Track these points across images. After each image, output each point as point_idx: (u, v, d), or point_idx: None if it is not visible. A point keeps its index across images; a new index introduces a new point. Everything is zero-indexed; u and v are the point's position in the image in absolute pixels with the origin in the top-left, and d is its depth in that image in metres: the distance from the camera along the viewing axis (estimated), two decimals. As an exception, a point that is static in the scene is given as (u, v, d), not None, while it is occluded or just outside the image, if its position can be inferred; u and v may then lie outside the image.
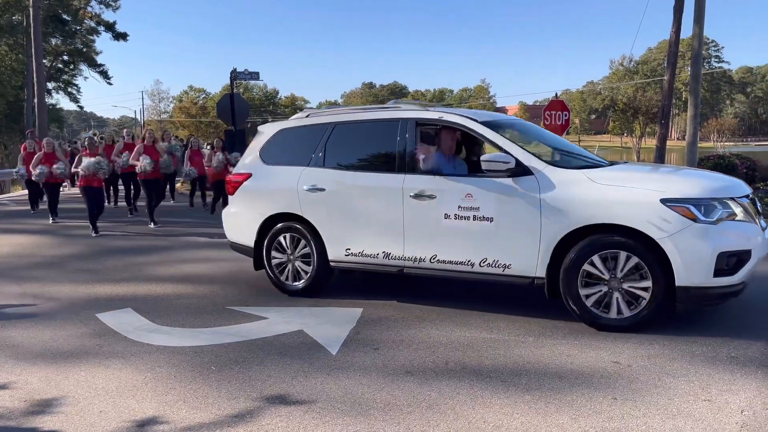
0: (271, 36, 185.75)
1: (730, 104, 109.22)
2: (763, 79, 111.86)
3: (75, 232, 10.65)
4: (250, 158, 6.57)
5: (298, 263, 6.10)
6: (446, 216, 5.28)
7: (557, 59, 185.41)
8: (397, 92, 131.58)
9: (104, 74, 47.06)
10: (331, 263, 5.93)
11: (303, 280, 6.08)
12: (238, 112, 16.12)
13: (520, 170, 5.03)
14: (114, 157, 12.64)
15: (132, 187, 13.47)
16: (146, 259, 8.19)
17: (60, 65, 47.00)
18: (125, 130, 13.98)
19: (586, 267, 4.78)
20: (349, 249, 5.80)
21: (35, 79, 30.46)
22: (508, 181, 5.06)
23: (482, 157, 5.18)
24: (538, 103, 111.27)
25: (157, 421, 3.48)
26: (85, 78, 73.33)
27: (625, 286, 4.68)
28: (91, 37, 45.45)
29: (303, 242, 6.04)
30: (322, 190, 5.88)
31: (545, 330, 4.89)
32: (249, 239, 6.34)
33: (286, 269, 6.17)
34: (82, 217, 11.45)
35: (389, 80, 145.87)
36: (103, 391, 3.90)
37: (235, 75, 16.29)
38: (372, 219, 5.67)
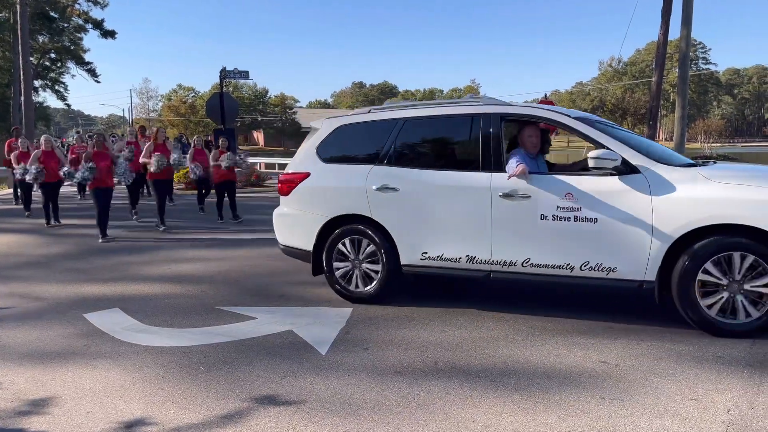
0: (261, 35, 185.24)
1: (717, 105, 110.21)
2: (750, 81, 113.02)
3: (63, 232, 10.56)
4: (305, 156, 6.17)
5: (364, 268, 5.74)
6: (542, 217, 4.98)
7: (546, 60, 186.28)
8: (387, 92, 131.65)
9: (92, 72, 46.79)
10: (404, 268, 5.59)
11: (370, 286, 5.72)
12: (227, 111, 16.11)
13: (627, 168, 4.79)
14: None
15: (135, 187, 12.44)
16: (135, 258, 8.14)
17: (47, 63, 46.66)
18: (128, 129, 13.37)
19: (703, 273, 4.53)
20: (425, 253, 5.45)
21: (22, 77, 30.15)
22: (614, 179, 4.80)
23: (590, 154, 4.83)
24: (527, 103, 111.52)
25: (145, 421, 3.46)
26: (73, 76, 72.61)
27: (747, 287, 4.49)
28: (79, 35, 45.18)
29: (370, 246, 5.68)
30: (395, 189, 5.55)
31: (534, 330, 4.91)
32: (307, 243, 5.97)
33: (350, 275, 5.81)
34: (73, 216, 11.37)
35: (379, 80, 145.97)
36: (91, 392, 3.87)
37: (224, 74, 16.26)
38: (454, 220, 5.33)
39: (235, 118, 17.17)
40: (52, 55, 45.96)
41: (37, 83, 43.92)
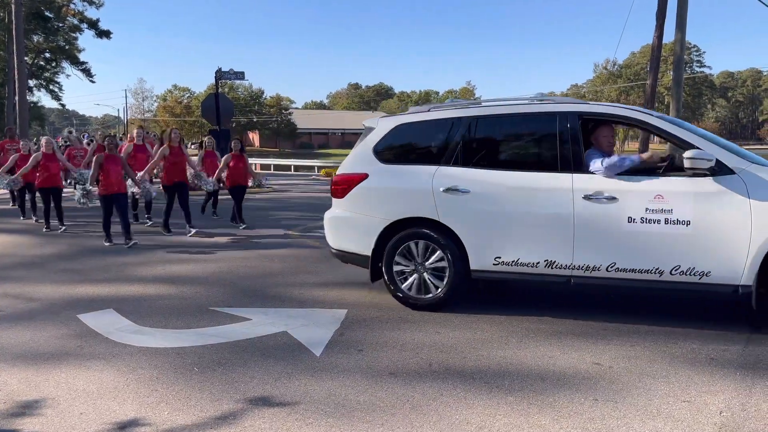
0: (257, 36, 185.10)
1: (711, 108, 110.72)
2: (744, 84, 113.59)
3: (57, 232, 10.50)
4: (361, 157, 5.90)
5: (428, 274, 5.50)
6: (630, 220, 4.81)
7: (542, 61, 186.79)
8: (383, 93, 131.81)
9: (87, 72, 46.67)
10: (474, 273, 5.36)
11: (435, 293, 5.48)
12: (223, 112, 16.08)
13: (721, 169, 4.66)
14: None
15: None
16: (129, 259, 8.11)
17: (42, 62, 46.50)
18: (136, 130, 12.13)
19: None
20: (499, 257, 5.23)
21: (16, 77, 30.08)
22: (707, 180, 4.66)
23: (685, 155, 4.66)
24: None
25: (138, 423, 3.45)
26: (68, 76, 72.33)
27: None
28: (74, 35, 45.06)
29: (436, 250, 5.43)
30: (466, 191, 5.32)
31: (528, 331, 4.92)
32: (365, 247, 5.71)
33: (412, 281, 5.58)
34: (67, 216, 11.28)
35: (375, 81, 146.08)
36: (84, 393, 3.86)
37: (220, 75, 16.24)
38: (531, 223, 5.12)
39: (231, 119, 17.13)
40: (47, 55, 45.82)
41: (31, 83, 43.75)
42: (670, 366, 4.14)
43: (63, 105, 55.48)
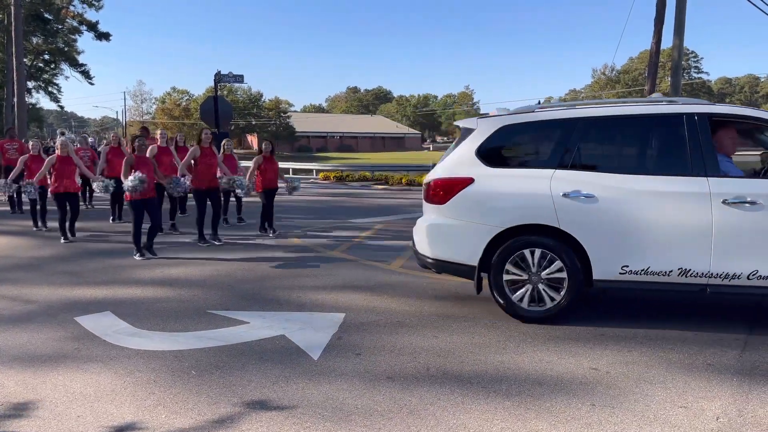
0: (256, 39, 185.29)
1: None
2: (742, 90, 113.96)
3: (55, 234, 10.46)
4: (463, 160, 5.51)
5: (542, 285, 5.19)
6: None
7: (540, 66, 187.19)
8: (381, 97, 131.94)
9: (86, 74, 46.64)
10: (597, 283, 5.09)
11: (549, 305, 5.18)
12: (221, 114, 16.10)
13: None
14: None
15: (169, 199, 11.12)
16: (127, 261, 8.10)
17: (41, 64, 46.46)
18: (159, 131, 11.41)
19: None
20: (626, 266, 4.97)
21: (15, 78, 30.07)
22: None
23: None
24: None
25: (135, 426, 3.45)
26: (67, 77, 72.36)
27: None
28: (73, 37, 45.07)
29: (554, 259, 5.12)
30: (590, 196, 5.03)
31: (526, 336, 4.93)
32: (470, 256, 5.34)
33: (524, 292, 5.25)
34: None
35: (373, 85, 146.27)
36: (81, 396, 3.86)
37: (219, 78, 16.25)
38: (664, 230, 4.89)
39: (230, 122, 17.14)
40: (46, 57, 45.78)
41: (30, 84, 43.74)
42: (667, 371, 4.15)
43: (62, 107, 55.41)
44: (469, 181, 5.41)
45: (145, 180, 8.14)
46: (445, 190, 5.50)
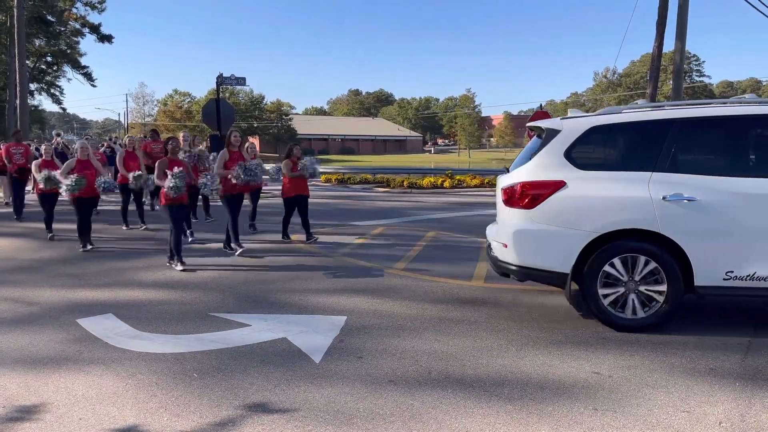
0: (258, 42, 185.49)
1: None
2: (743, 94, 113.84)
3: (57, 236, 10.44)
4: (550, 162, 5.32)
5: (639, 292, 5.05)
6: None
7: (541, 70, 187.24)
8: (383, 99, 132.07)
9: (88, 76, 46.77)
10: (699, 290, 4.95)
11: (646, 313, 5.04)
12: (223, 117, 16.12)
13: None
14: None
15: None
16: (128, 264, 8.11)
17: (43, 66, 46.62)
18: (182, 134, 10.89)
19: None
20: (731, 272, 4.85)
21: (18, 80, 30.13)
22: None
23: None
24: (522, 113, 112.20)
25: (137, 428, 3.45)
26: (69, 80, 72.50)
27: None
28: (76, 39, 45.19)
29: (651, 265, 4.98)
30: (692, 200, 4.89)
31: (528, 340, 4.92)
32: (562, 263, 5.16)
33: (619, 299, 5.10)
34: (66, 221, 11.25)
35: (375, 88, 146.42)
36: (83, 398, 3.86)
37: (221, 80, 16.28)
38: None
39: (232, 124, 17.17)
40: (49, 59, 45.91)
41: (33, 86, 43.87)
42: (670, 376, 4.14)
43: (64, 109, 55.61)
44: (560, 184, 5.23)
45: (185, 177, 7.73)
46: (534, 194, 5.28)
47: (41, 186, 9.98)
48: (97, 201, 9.69)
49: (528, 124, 6.30)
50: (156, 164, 8.13)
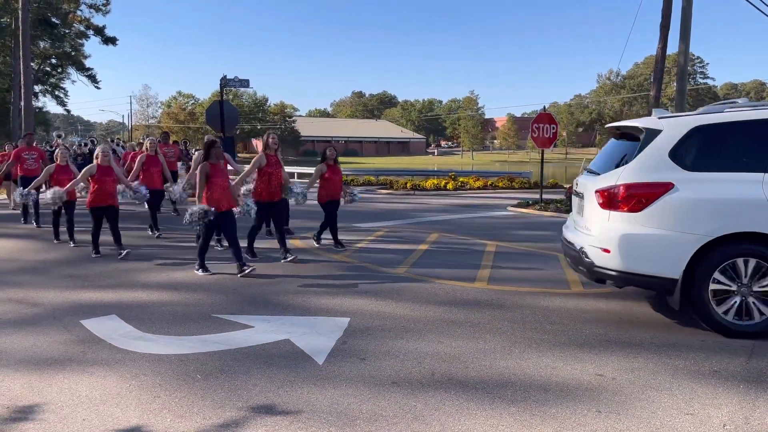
0: (262, 43, 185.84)
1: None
2: (748, 96, 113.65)
3: (61, 238, 10.45)
4: (654, 163, 5.15)
5: (752, 296, 4.91)
6: None
7: (545, 72, 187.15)
8: (386, 101, 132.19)
9: (92, 78, 46.79)
10: None
11: (761, 318, 4.92)
12: (227, 119, 16.14)
13: None
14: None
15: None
16: (132, 265, 8.12)
17: (48, 68, 46.70)
18: (148, 140, 10.49)
19: None
20: None
21: (22, 82, 30.24)
22: None
23: None
24: (526, 115, 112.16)
25: (141, 429, 3.45)
26: (73, 82, 72.67)
27: None
28: (80, 41, 45.25)
29: (764, 268, 4.87)
30: None
31: (531, 342, 4.91)
32: (672, 268, 4.98)
33: (731, 304, 4.95)
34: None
35: (378, 90, 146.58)
36: (87, 399, 3.86)
37: (225, 82, 16.29)
38: None
39: (235, 126, 17.19)
40: (53, 61, 46.02)
41: (37, 88, 43.98)
42: (673, 378, 4.13)
43: (68, 111, 55.77)
44: (669, 186, 5.05)
45: (205, 212, 7.27)
46: (641, 197, 5.09)
47: (17, 201, 10.03)
48: (116, 209, 8.97)
49: (613, 125, 6.08)
50: (198, 170, 7.44)
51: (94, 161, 8.87)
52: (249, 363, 4.49)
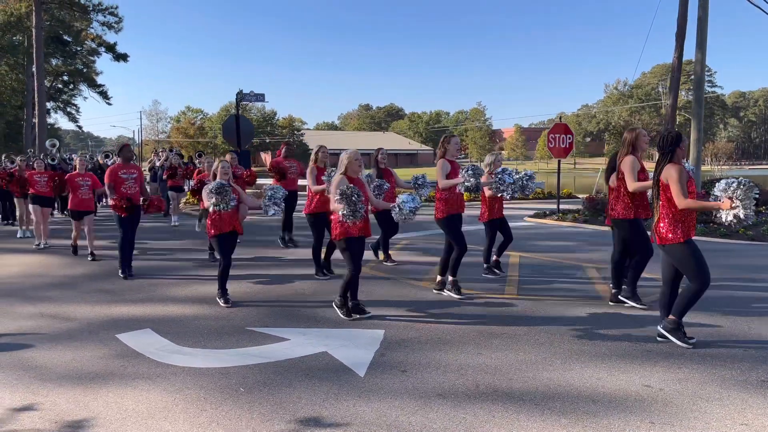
0: (269, 58, 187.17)
1: (723, 128, 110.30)
2: (756, 104, 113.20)
3: (85, 252, 10.48)
4: None
5: None
6: None
7: (551, 83, 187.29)
8: (393, 114, 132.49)
9: (104, 94, 47.21)
10: None
11: None
12: (243, 133, 16.23)
13: None
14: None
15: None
16: (160, 279, 8.14)
17: (60, 85, 47.23)
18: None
19: None
20: None
21: (36, 99, 30.63)
22: None
23: None
24: (533, 126, 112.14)
25: (193, 443, 3.44)
26: (85, 98, 73.35)
27: None
28: (92, 58, 45.77)
29: None
30: None
31: (572, 353, 4.88)
32: None
33: None
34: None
35: (385, 102, 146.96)
36: (134, 413, 3.86)
37: (241, 97, 16.41)
38: None
39: (251, 140, 17.28)
40: (65, 78, 46.53)
41: (49, 105, 44.40)
42: (722, 388, 4.08)
43: (80, 126, 56.14)
44: None
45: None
46: None
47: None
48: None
49: None
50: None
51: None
52: (290, 376, 4.47)
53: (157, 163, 16.72)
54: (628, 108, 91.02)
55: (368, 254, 9.61)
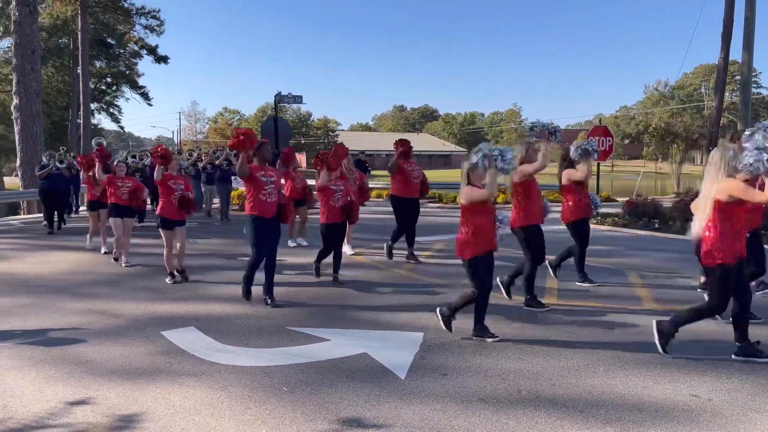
0: (305, 58, 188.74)
1: None
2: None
3: (130, 250, 10.71)
4: None
5: None
6: None
7: (590, 83, 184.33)
8: (427, 115, 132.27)
9: (145, 96, 48.34)
10: None
11: None
12: (281, 134, 16.45)
13: None
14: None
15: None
16: (203, 278, 8.30)
17: (103, 87, 48.53)
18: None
19: None
20: None
21: (81, 101, 31.63)
22: None
23: None
24: (570, 127, 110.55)
25: (239, 441, 3.52)
26: (127, 99, 75.23)
27: None
28: (134, 60, 46.93)
29: None
30: None
31: (614, 360, 4.81)
32: None
33: None
34: (138, 235, 11.57)
35: (420, 103, 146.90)
36: (182, 408, 3.96)
37: (279, 98, 16.62)
38: None
39: (288, 141, 17.49)
40: (108, 79, 47.81)
41: (93, 106, 45.68)
42: (773, 400, 3.98)
43: (122, 127, 57.61)
44: None
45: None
46: None
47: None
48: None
49: None
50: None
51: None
52: (332, 376, 4.53)
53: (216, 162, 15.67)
54: (669, 109, 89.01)
55: (402, 256, 9.62)
